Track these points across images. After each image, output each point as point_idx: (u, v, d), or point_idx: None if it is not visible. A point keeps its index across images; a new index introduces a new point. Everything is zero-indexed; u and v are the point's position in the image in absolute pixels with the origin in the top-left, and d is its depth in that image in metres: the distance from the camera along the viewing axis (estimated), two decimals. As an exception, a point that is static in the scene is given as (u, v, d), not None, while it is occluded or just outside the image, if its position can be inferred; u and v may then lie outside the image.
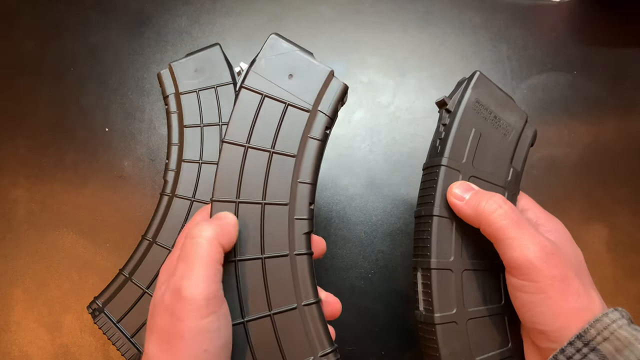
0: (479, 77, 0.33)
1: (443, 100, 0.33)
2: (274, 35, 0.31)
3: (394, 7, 0.52)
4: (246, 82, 0.30)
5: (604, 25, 0.51)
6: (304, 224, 0.30)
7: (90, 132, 0.49)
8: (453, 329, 0.30)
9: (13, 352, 0.44)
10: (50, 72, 0.50)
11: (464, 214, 0.31)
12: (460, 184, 0.31)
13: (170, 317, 0.25)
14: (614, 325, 0.26)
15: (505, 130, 0.34)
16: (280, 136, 0.30)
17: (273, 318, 0.29)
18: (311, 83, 0.31)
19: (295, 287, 0.29)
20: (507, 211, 0.29)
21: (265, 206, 0.30)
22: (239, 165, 0.30)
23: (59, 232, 0.46)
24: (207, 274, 0.25)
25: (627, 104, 0.49)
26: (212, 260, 0.26)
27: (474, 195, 0.30)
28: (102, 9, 0.52)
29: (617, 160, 0.48)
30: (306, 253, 0.30)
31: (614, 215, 0.46)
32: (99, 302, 0.41)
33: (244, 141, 0.30)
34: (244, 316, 0.28)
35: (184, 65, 0.44)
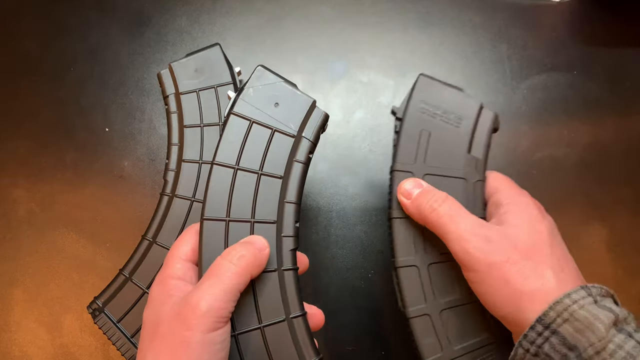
0: (421, 79, 0.36)
1: (393, 110, 0.36)
2: (260, 67, 0.34)
3: (394, 7, 0.52)
4: (235, 109, 0.33)
5: (604, 25, 0.51)
6: (290, 241, 0.32)
7: (90, 132, 0.49)
8: (427, 321, 0.32)
9: (13, 352, 0.44)
10: (50, 72, 0.50)
11: (410, 213, 0.33)
12: (410, 181, 0.33)
13: (180, 325, 0.26)
14: (575, 306, 0.26)
15: (457, 122, 0.35)
16: (267, 159, 0.32)
17: (263, 330, 0.30)
18: (296, 111, 0.33)
19: (283, 301, 0.31)
20: (445, 208, 0.30)
21: (255, 224, 0.31)
22: (228, 185, 0.32)
23: (59, 232, 0.46)
24: (227, 297, 0.27)
25: (627, 104, 0.49)
26: (236, 287, 0.28)
27: (418, 195, 0.32)
28: (102, 9, 0.52)
29: (617, 160, 0.48)
30: (293, 268, 0.32)
31: (614, 215, 0.46)
32: (99, 302, 0.41)
33: (233, 163, 0.32)
34: (235, 330, 0.30)
35: (184, 65, 0.44)
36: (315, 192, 0.47)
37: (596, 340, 0.24)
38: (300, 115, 0.33)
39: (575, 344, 0.25)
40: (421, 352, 0.31)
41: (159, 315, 0.28)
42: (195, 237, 0.32)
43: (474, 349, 0.32)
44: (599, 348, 0.24)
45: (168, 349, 0.26)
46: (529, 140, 0.48)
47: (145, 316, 0.29)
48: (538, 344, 0.26)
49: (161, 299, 0.29)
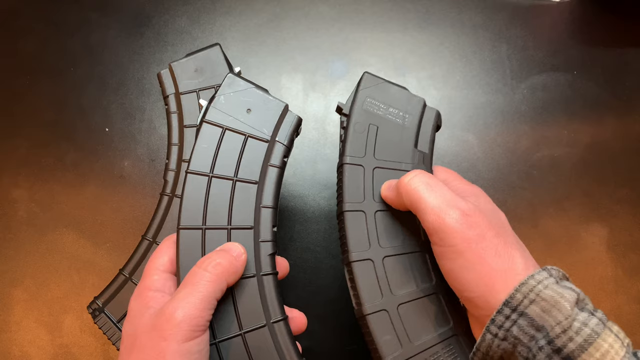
0: (366, 77, 0.36)
1: (338, 106, 0.36)
2: (230, 74, 0.34)
3: (394, 7, 0.52)
4: (207, 117, 0.33)
5: (604, 25, 0.51)
6: (268, 245, 0.32)
7: (90, 132, 0.49)
8: (384, 317, 0.31)
9: (13, 352, 0.44)
10: (50, 72, 0.50)
11: (391, 200, 0.32)
12: (388, 182, 0.33)
13: (156, 336, 0.26)
14: (540, 286, 0.25)
15: (402, 118, 0.35)
16: (242, 165, 0.32)
17: (244, 337, 0.30)
18: (268, 116, 0.33)
19: (263, 306, 0.31)
20: (420, 177, 0.30)
21: (231, 231, 0.31)
22: (203, 193, 0.32)
23: (59, 232, 0.46)
24: (203, 305, 0.27)
25: (627, 104, 0.49)
26: (212, 295, 0.27)
27: (396, 182, 0.32)
28: (102, 9, 0.52)
29: (617, 160, 0.48)
30: (272, 273, 0.32)
31: (613, 215, 0.46)
32: (99, 302, 0.41)
33: (207, 171, 0.32)
34: (216, 337, 0.30)
35: (184, 65, 0.44)
36: (315, 192, 0.47)
37: (563, 319, 0.24)
38: (273, 120, 0.33)
39: (543, 324, 0.25)
40: (380, 350, 0.30)
41: (136, 328, 0.28)
42: (172, 247, 0.31)
43: (434, 344, 0.31)
44: (566, 326, 0.24)
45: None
46: (529, 140, 0.48)
47: (123, 330, 0.29)
48: (506, 328, 0.26)
49: (139, 312, 0.28)
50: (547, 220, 0.46)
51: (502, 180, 0.47)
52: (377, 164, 0.34)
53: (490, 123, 0.48)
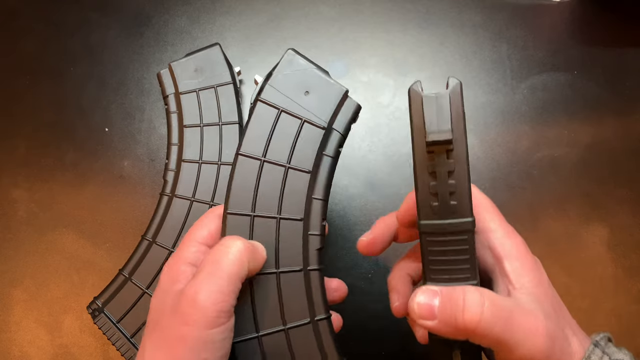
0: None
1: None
2: (290, 51, 0.31)
3: (394, 7, 0.51)
4: (263, 96, 0.30)
5: (604, 25, 0.51)
6: (317, 239, 0.30)
7: (90, 132, 0.49)
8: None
9: (13, 352, 0.44)
10: (50, 72, 0.50)
11: (442, 333, 0.25)
12: (421, 294, 0.25)
13: (178, 320, 0.25)
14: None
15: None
16: (295, 151, 0.30)
17: (287, 332, 0.29)
18: (327, 101, 0.31)
19: (308, 303, 0.29)
20: (492, 312, 0.24)
21: (280, 221, 0.30)
22: (254, 178, 0.30)
23: (59, 232, 0.46)
24: (227, 288, 0.25)
25: (627, 104, 0.49)
26: (235, 275, 0.26)
27: (444, 308, 0.24)
28: (102, 9, 0.52)
29: (617, 161, 0.48)
30: (319, 269, 0.30)
31: (614, 215, 0.46)
32: (98, 302, 0.41)
33: (260, 155, 0.30)
34: (259, 330, 0.28)
35: (183, 65, 0.44)
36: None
37: None
38: (331, 106, 0.31)
39: None
40: None
41: (162, 305, 0.26)
42: (215, 221, 0.30)
43: None
44: None
45: (165, 344, 0.25)
46: (529, 140, 0.48)
47: (151, 303, 0.28)
48: None
49: (168, 286, 0.27)
50: (547, 220, 0.46)
51: (502, 180, 0.47)
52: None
53: (490, 123, 0.48)
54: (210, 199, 0.41)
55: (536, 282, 0.26)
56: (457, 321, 0.24)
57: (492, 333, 0.23)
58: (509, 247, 0.27)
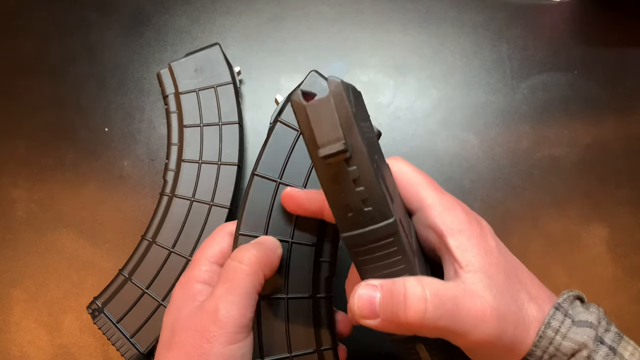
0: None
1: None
2: (313, 73, 0.31)
3: (394, 7, 0.51)
4: (283, 117, 0.30)
5: (604, 25, 0.51)
6: (327, 266, 0.30)
7: (90, 132, 0.49)
8: None
9: (12, 352, 0.44)
10: (50, 72, 0.50)
11: (388, 331, 0.24)
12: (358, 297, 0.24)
13: (199, 337, 0.25)
14: (558, 338, 0.24)
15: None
16: (312, 176, 0.30)
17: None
18: None
19: (315, 331, 0.29)
20: (435, 304, 0.23)
21: (293, 245, 0.29)
22: (269, 200, 0.29)
23: (59, 232, 0.46)
24: (245, 302, 0.25)
25: (627, 104, 0.49)
26: (252, 289, 0.26)
27: (385, 305, 0.23)
28: (102, 9, 0.52)
29: (618, 161, 0.48)
30: (327, 297, 0.30)
31: (614, 216, 0.46)
32: (98, 302, 0.41)
33: (276, 176, 0.29)
34: (263, 357, 0.28)
35: (183, 65, 0.44)
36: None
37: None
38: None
39: None
40: None
41: (178, 321, 0.26)
42: (226, 239, 0.30)
43: None
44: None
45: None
46: (529, 140, 0.48)
47: (164, 320, 0.28)
48: None
49: (182, 303, 0.27)
50: (548, 220, 0.46)
51: (502, 180, 0.47)
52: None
53: (490, 123, 0.48)
54: (210, 199, 0.41)
55: (482, 253, 0.25)
56: (400, 319, 0.23)
57: (438, 326, 0.23)
58: (449, 221, 0.26)
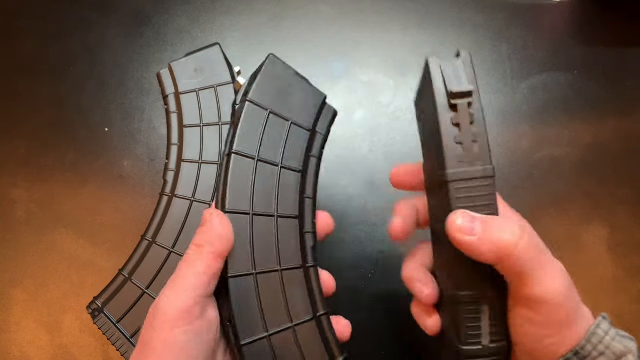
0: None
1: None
2: (272, 57, 0.32)
3: (394, 6, 0.51)
4: (251, 96, 0.31)
5: (604, 25, 0.51)
6: (311, 237, 0.32)
7: (90, 132, 0.49)
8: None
9: (13, 352, 0.44)
10: (50, 72, 0.50)
11: (478, 251, 0.25)
12: (460, 215, 0.25)
13: (147, 325, 0.26)
14: (607, 338, 0.26)
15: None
16: (286, 152, 0.31)
17: (295, 330, 0.29)
18: (309, 105, 0.32)
19: (310, 299, 0.30)
20: (528, 242, 0.25)
21: (279, 219, 0.30)
22: (250, 177, 0.30)
23: (59, 232, 0.46)
24: (187, 286, 0.26)
25: (627, 104, 0.49)
26: (196, 272, 0.27)
27: (485, 228, 0.25)
28: (102, 9, 0.52)
29: (618, 160, 0.48)
30: (314, 266, 0.31)
31: (614, 215, 0.46)
32: (98, 303, 0.41)
33: (254, 154, 0.30)
34: (268, 330, 0.29)
35: (183, 65, 0.44)
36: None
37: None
38: (313, 110, 0.32)
39: None
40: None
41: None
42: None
43: None
44: None
45: (138, 352, 0.26)
46: (529, 140, 0.48)
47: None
48: None
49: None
50: (548, 220, 0.46)
51: (502, 180, 0.47)
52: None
53: (490, 123, 0.48)
54: (211, 199, 0.41)
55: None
56: (495, 240, 0.25)
57: (523, 261, 0.25)
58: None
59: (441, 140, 0.26)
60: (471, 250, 0.25)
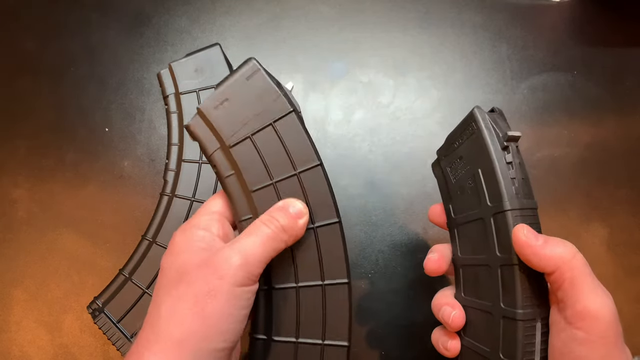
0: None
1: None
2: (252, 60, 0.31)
3: (394, 7, 0.51)
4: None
5: (604, 25, 0.51)
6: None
7: (90, 132, 0.49)
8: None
9: (13, 352, 0.44)
10: (50, 72, 0.50)
11: (541, 254, 0.27)
12: (525, 227, 0.28)
13: (211, 274, 0.26)
14: None
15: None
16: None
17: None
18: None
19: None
20: (582, 258, 0.27)
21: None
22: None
23: (59, 232, 0.46)
24: (261, 258, 0.28)
25: (627, 104, 0.49)
26: (269, 251, 0.28)
27: (546, 240, 0.28)
28: (102, 9, 0.52)
29: (617, 161, 0.48)
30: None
31: (613, 216, 0.46)
32: (98, 302, 0.41)
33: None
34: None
35: (183, 65, 0.44)
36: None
37: None
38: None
39: None
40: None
41: (184, 263, 0.28)
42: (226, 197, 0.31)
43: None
44: None
45: (193, 296, 0.26)
46: (529, 140, 0.48)
47: (165, 263, 0.29)
48: None
49: (186, 247, 0.28)
50: (547, 221, 0.46)
51: (502, 180, 0.47)
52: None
53: (490, 123, 0.48)
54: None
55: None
56: (557, 249, 0.27)
57: (579, 271, 0.27)
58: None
59: (497, 177, 0.29)
60: (534, 253, 0.27)
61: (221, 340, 0.26)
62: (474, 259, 0.32)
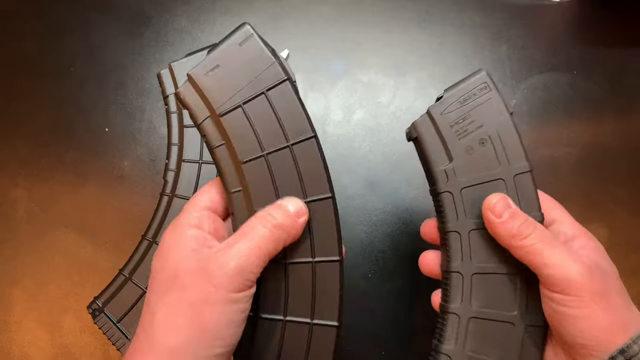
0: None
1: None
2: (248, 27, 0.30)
3: (394, 7, 0.52)
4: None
5: (604, 25, 0.51)
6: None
7: (90, 132, 0.49)
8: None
9: (13, 352, 0.44)
10: (50, 72, 0.50)
11: (496, 233, 0.30)
12: (499, 199, 0.30)
13: (205, 281, 0.26)
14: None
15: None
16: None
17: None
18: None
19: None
20: (539, 234, 0.29)
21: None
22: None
23: (59, 232, 0.46)
24: (258, 262, 0.27)
25: (627, 103, 0.49)
26: (266, 253, 0.27)
27: (509, 218, 0.29)
28: (102, 9, 0.52)
29: (617, 161, 0.48)
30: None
31: (613, 216, 0.46)
32: (99, 302, 0.41)
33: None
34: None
35: (184, 65, 0.44)
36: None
37: None
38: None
39: None
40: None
41: (175, 265, 0.27)
42: (214, 187, 0.30)
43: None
44: None
45: (188, 305, 0.25)
46: (529, 140, 0.48)
47: (155, 265, 0.28)
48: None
49: (176, 247, 0.28)
50: (547, 220, 0.46)
51: (502, 180, 0.47)
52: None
53: (490, 123, 0.48)
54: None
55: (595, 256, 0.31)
56: (513, 229, 0.29)
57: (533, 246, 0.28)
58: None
59: (519, 139, 0.32)
60: (492, 229, 0.30)
61: (220, 345, 0.26)
62: (477, 222, 0.31)
